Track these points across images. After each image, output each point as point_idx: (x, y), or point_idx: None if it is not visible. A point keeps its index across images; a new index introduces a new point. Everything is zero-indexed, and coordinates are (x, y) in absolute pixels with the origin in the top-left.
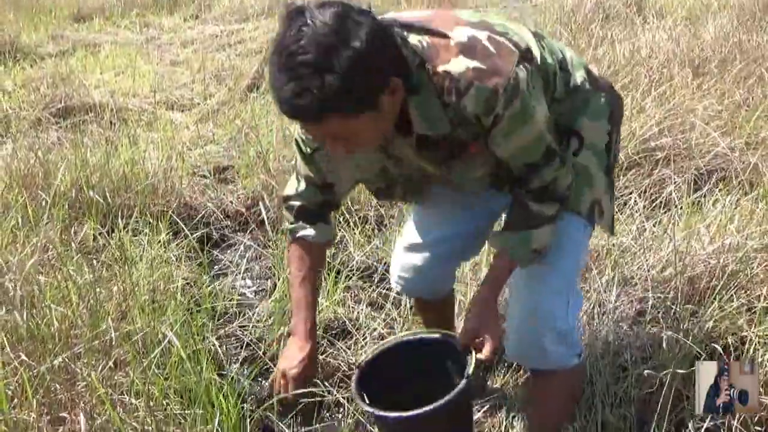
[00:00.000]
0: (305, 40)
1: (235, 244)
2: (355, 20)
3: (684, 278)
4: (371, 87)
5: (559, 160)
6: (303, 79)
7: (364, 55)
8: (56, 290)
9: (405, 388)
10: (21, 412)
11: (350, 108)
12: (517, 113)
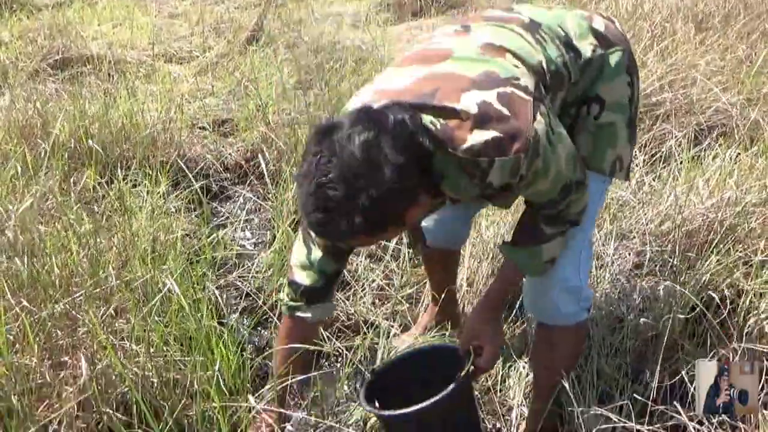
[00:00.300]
0: (334, 174)
1: (234, 196)
2: (384, 150)
3: (682, 232)
4: (396, 215)
5: (574, 189)
6: (331, 212)
7: (391, 190)
8: (56, 239)
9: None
10: (23, 357)
11: (374, 233)
12: (539, 170)
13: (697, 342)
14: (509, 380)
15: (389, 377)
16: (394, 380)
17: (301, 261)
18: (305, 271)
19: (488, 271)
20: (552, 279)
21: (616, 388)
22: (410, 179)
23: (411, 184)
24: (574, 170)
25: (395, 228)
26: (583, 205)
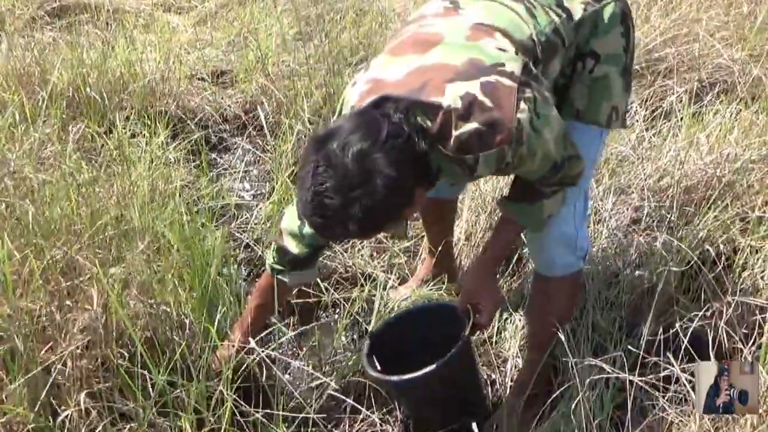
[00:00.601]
0: (329, 184)
1: (233, 148)
2: (377, 162)
3: (680, 188)
4: (391, 219)
5: (566, 165)
6: (328, 219)
7: (385, 200)
8: (55, 187)
9: (414, 356)
10: (25, 300)
11: (370, 235)
12: (524, 155)
13: (691, 297)
14: (505, 332)
15: (388, 335)
16: (392, 338)
17: (292, 230)
18: (295, 240)
19: (486, 224)
20: (548, 232)
21: (611, 341)
22: (404, 187)
23: (405, 191)
24: (563, 149)
25: (392, 226)
26: (579, 170)
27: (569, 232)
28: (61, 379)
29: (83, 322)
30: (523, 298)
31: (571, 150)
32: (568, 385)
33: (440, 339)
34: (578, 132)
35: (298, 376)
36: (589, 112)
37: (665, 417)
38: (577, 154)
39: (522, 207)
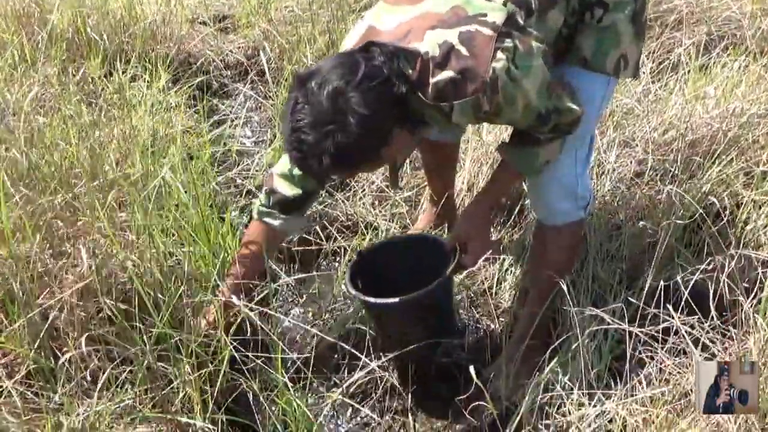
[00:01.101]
0: (306, 120)
1: (234, 94)
2: (351, 100)
3: (685, 141)
4: (365, 157)
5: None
6: (305, 153)
7: (355, 138)
8: (56, 130)
9: (398, 281)
10: (24, 245)
11: (347, 171)
12: (502, 104)
13: (693, 250)
14: (504, 283)
15: (376, 260)
16: (380, 263)
17: (283, 172)
18: (286, 181)
19: (488, 175)
20: (547, 178)
21: (611, 293)
22: (377, 126)
23: (379, 129)
24: (547, 99)
25: (371, 165)
26: (573, 119)
27: (569, 180)
28: (59, 324)
29: (80, 268)
30: (524, 249)
31: (558, 102)
32: (567, 336)
33: (425, 269)
34: (584, 80)
35: (298, 323)
36: (596, 60)
37: (663, 368)
38: (566, 107)
39: (518, 152)
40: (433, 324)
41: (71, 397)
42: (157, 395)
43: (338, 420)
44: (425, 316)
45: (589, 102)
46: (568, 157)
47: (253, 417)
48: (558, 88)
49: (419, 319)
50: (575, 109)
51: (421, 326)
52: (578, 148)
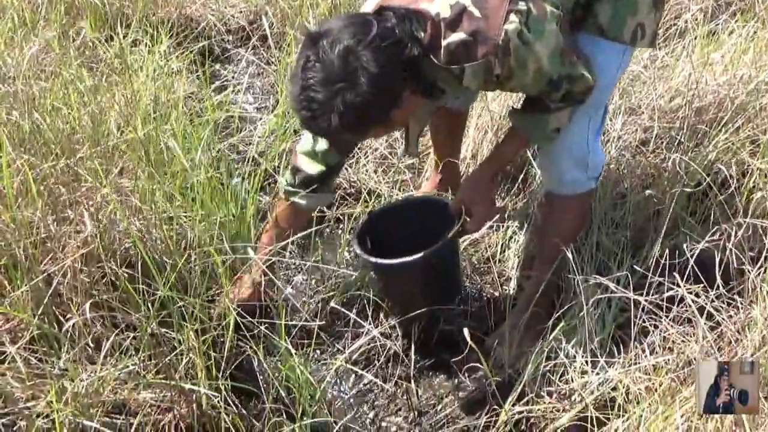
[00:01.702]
0: (316, 79)
1: (236, 59)
2: (362, 59)
3: (692, 108)
4: (375, 117)
5: (564, 83)
6: (314, 112)
7: (366, 97)
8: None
9: (405, 239)
10: (26, 210)
11: (356, 133)
12: (514, 67)
13: (699, 219)
14: (508, 251)
15: (383, 223)
16: (387, 226)
17: (306, 149)
18: (309, 158)
19: (492, 143)
20: (559, 147)
21: (615, 262)
22: (388, 86)
23: (389, 90)
24: (560, 65)
25: (381, 127)
26: (586, 87)
27: (581, 149)
28: (63, 289)
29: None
30: (528, 217)
31: (570, 69)
32: (571, 304)
33: (431, 231)
34: (600, 48)
35: (301, 290)
36: (613, 28)
37: (667, 337)
38: (579, 74)
39: (528, 118)
40: (437, 288)
41: (75, 362)
42: (160, 361)
43: (341, 386)
44: (429, 278)
45: (604, 71)
46: (580, 127)
47: (256, 383)
48: (572, 54)
49: (423, 282)
50: (588, 77)
51: (426, 289)
52: (591, 117)
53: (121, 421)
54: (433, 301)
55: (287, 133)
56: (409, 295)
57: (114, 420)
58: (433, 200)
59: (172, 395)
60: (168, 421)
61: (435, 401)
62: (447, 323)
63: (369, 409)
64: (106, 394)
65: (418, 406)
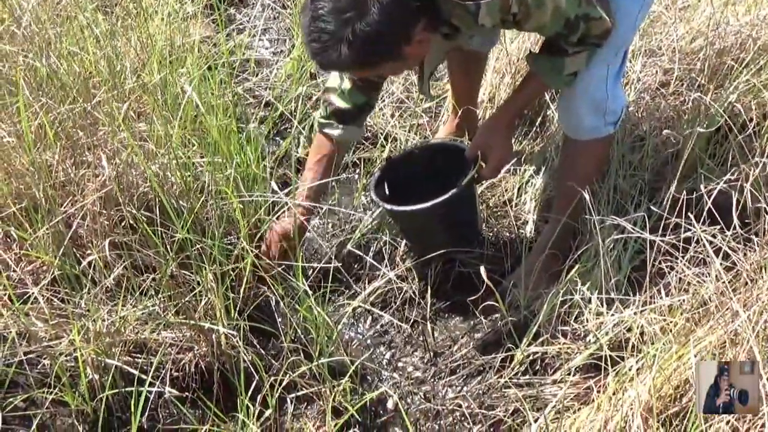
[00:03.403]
0: (326, 9)
1: (252, 3)
2: None
3: (713, 49)
4: (387, 50)
5: (582, 23)
6: (324, 43)
7: (377, 26)
8: (73, 39)
9: (422, 185)
10: (45, 154)
11: (367, 66)
12: (531, 4)
13: (717, 161)
14: (525, 195)
15: (401, 167)
16: (405, 170)
17: (333, 86)
18: (337, 96)
19: (510, 86)
20: (576, 92)
21: (632, 204)
22: (399, 16)
23: (401, 20)
24: (578, 4)
25: (392, 63)
26: (603, 30)
27: (599, 95)
28: (82, 231)
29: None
30: (545, 161)
31: (589, 9)
32: (587, 246)
33: (449, 175)
34: None
35: (319, 233)
36: None
37: (683, 278)
38: (598, 15)
39: (544, 62)
40: (455, 233)
41: (96, 303)
42: (180, 302)
43: (358, 327)
44: (446, 223)
45: (626, 14)
46: (599, 71)
47: (274, 324)
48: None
49: (440, 227)
50: (606, 18)
51: (443, 234)
52: (610, 62)
53: (142, 360)
54: (451, 245)
55: (303, 77)
56: (426, 240)
57: (135, 359)
58: (449, 145)
59: (192, 335)
60: (188, 360)
61: (450, 342)
62: (464, 266)
63: (386, 350)
64: (127, 333)
65: (434, 347)
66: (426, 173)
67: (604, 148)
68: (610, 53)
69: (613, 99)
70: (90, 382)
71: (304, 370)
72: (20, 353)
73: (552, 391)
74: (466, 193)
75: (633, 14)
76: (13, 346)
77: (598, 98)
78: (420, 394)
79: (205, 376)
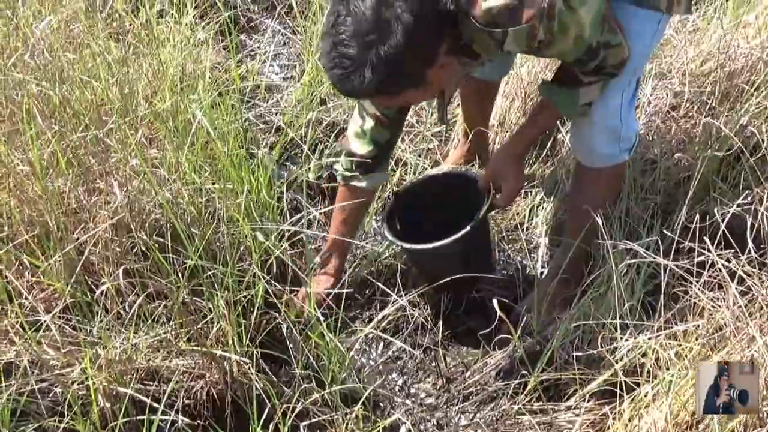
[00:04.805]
0: (348, 33)
1: (262, 29)
2: (396, 9)
3: (724, 72)
4: (410, 75)
5: (602, 51)
6: (346, 69)
7: (401, 50)
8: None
9: (434, 215)
10: (57, 181)
11: (391, 92)
12: (556, 32)
13: (730, 184)
14: (536, 219)
15: (412, 197)
16: (415, 200)
17: (355, 130)
18: (359, 140)
19: (520, 111)
20: (591, 119)
21: (645, 228)
22: (424, 38)
23: (426, 43)
24: (600, 32)
25: (415, 89)
26: (620, 59)
27: (614, 123)
28: (95, 258)
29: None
30: (556, 185)
31: (610, 36)
32: (600, 271)
33: (460, 204)
34: (635, 17)
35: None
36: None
37: (697, 303)
38: (618, 42)
39: (559, 91)
40: (468, 262)
41: (108, 330)
42: (192, 329)
43: (370, 354)
44: (461, 255)
45: (640, 40)
46: (614, 100)
47: (286, 350)
48: (612, 21)
49: (455, 259)
50: (625, 46)
51: (457, 264)
52: (625, 89)
53: (153, 388)
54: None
55: (314, 102)
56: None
57: (147, 387)
58: (461, 174)
59: (204, 362)
60: (200, 387)
61: (463, 368)
62: (476, 291)
63: (398, 376)
64: (139, 361)
65: (447, 373)
66: (437, 204)
67: (618, 176)
68: (624, 80)
69: (627, 126)
70: (102, 411)
71: (316, 397)
72: (32, 382)
73: (567, 417)
74: (480, 226)
75: (647, 40)
76: (25, 374)
77: (613, 127)
78: (433, 420)
79: (216, 404)
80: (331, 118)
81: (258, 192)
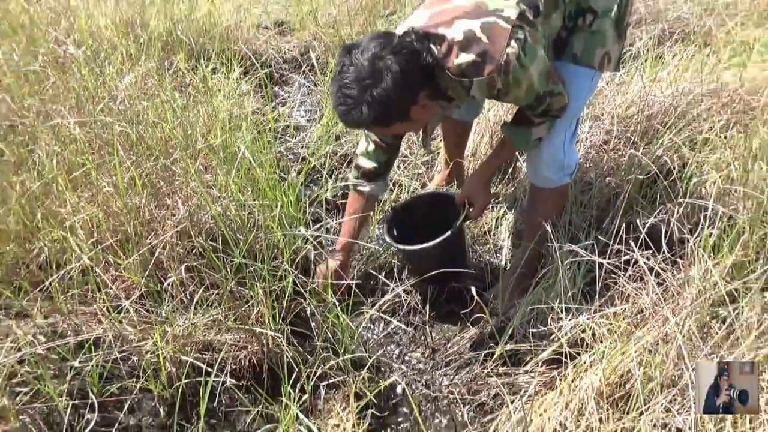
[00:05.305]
0: (350, 78)
1: (291, 82)
2: (387, 61)
3: (643, 115)
4: (398, 110)
5: (548, 97)
6: (348, 106)
7: (390, 92)
8: (155, 111)
9: (423, 226)
10: (134, 199)
11: (383, 124)
12: (511, 83)
13: (649, 200)
14: (501, 227)
15: (406, 211)
16: (408, 213)
17: (362, 151)
18: (365, 158)
19: (488, 144)
20: (541, 152)
21: (584, 234)
22: (408, 84)
23: (409, 87)
24: (546, 83)
25: (403, 122)
26: (562, 105)
27: (558, 156)
28: (163, 258)
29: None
30: (515, 200)
31: (553, 86)
32: (549, 267)
33: (441, 217)
34: (574, 72)
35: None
36: (585, 56)
37: (624, 291)
38: (560, 91)
39: (515, 130)
40: (449, 260)
41: (173, 312)
42: (237, 311)
43: (373, 330)
44: (443, 255)
45: (578, 90)
46: (558, 136)
47: (310, 328)
48: (554, 76)
49: (439, 257)
50: (564, 94)
51: (440, 262)
52: (566, 129)
53: (208, 357)
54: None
55: (330, 138)
56: (427, 269)
57: (203, 355)
58: (442, 194)
59: (247, 337)
60: (243, 356)
61: (445, 341)
62: (455, 282)
63: (395, 347)
64: (197, 336)
65: (433, 345)
66: (424, 216)
67: (562, 194)
68: (566, 121)
69: (569, 157)
70: (168, 374)
71: (332, 363)
72: (115, 352)
73: (525, 379)
74: (458, 233)
75: (584, 91)
76: (110, 346)
77: (557, 157)
78: (422, 381)
79: (256, 369)
80: (344, 150)
81: (288, 207)
